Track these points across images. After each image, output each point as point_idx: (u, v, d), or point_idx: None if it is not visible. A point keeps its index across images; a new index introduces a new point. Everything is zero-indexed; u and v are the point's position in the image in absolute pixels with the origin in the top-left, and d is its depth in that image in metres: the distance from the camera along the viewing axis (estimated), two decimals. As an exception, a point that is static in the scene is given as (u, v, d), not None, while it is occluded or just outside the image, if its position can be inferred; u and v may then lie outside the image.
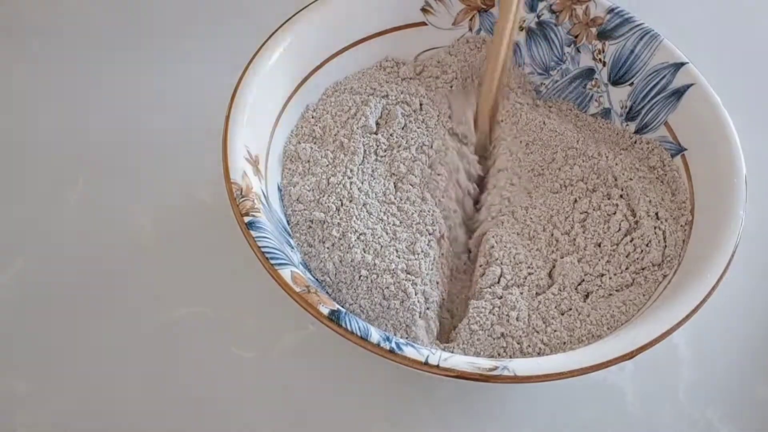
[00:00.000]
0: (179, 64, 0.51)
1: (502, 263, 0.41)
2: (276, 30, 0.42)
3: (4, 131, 0.48)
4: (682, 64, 0.43)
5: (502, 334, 0.38)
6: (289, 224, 0.41)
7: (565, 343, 0.38)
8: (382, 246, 0.40)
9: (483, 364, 0.33)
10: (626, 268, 0.41)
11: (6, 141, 0.48)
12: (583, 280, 0.41)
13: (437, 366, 0.32)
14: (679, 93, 0.43)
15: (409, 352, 0.33)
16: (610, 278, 0.41)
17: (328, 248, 0.40)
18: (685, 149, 0.42)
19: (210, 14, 0.55)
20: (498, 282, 0.41)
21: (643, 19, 0.44)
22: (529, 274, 0.41)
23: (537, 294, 0.40)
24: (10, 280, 0.42)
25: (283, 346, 0.41)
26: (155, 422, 0.39)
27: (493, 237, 0.42)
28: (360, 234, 0.40)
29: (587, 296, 0.40)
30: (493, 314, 0.39)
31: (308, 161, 0.43)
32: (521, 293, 0.40)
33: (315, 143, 0.44)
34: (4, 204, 0.45)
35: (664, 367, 0.42)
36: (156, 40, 0.52)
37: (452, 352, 0.37)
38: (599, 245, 0.42)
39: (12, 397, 0.39)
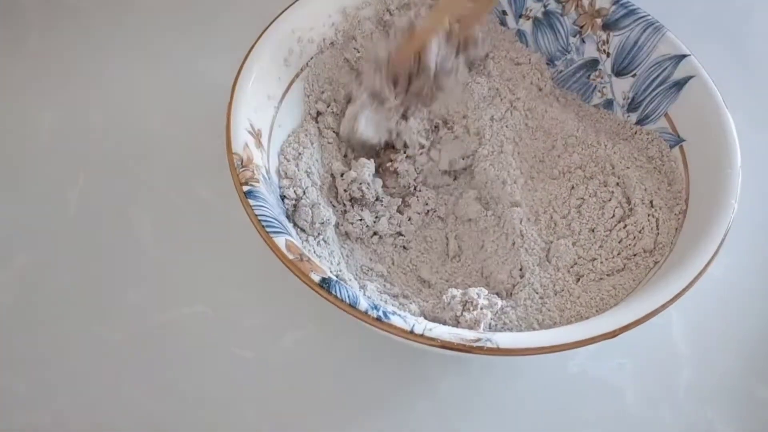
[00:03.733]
0: (179, 63, 0.50)
1: None
2: (284, 10, 0.42)
3: (4, 130, 0.47)
4: (684, 56, 0.42)
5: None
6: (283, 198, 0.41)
7: (555, 323, 0.38)
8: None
9: (467, 335, 0.33)
10: (618, 254, 0.40)
11: (6, 140, 0.46)
12: (576, 263, 0.41)
13: (422, 335, 0.32)
14: (679, 85, 0.42)
15: (395, 320, 0.33)
16: (602, 263, 0.40)
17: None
18: (684, 140, 0.42)
19: (209, 14, 0.53)
20: None
21: (648, 11, 0.44)
22: None
23: None
24: (10, 279, 0.41)
25: (283, 346, 0.40)
26: (155, 422, 0.38)
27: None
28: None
29: (579, 279, 0.40)
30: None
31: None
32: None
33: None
34: (5, 204, 0.44)
35: (664, 367, 0.41)
36: (155, 39, 0.51)
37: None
38: (593, 230, 0.41)
39: (12, 397, 0.38)
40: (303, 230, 0.39)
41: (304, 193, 0.40)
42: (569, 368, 0.40)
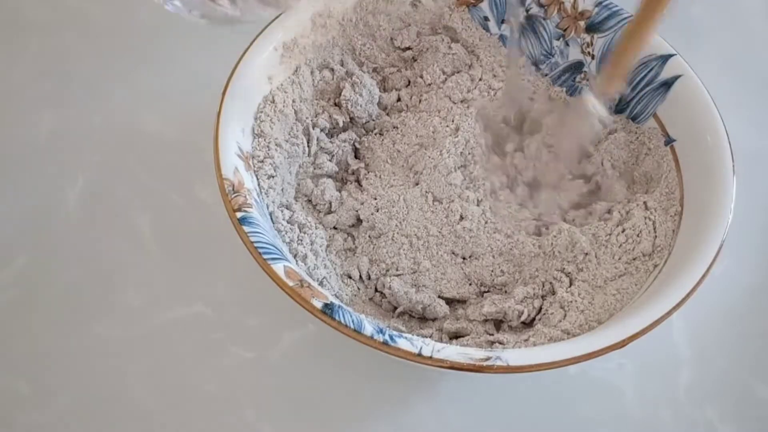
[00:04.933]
0: (178, 64, 0.49)
1: None
2: (266, 27, 0.41)
3: (4, 131, 0.46)
4: (670, 55, 0.41)
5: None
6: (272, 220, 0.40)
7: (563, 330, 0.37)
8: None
9: (476, 354, 0.32)
10: (619, 258, 0.40)
11: (6, 140, 0.46)
12: None
13: (430, 357, 0.31)
14: (667, 84, 0.41)
15: (402, 343, 0.31)
16: (606, 269, 0.39)
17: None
18: (674, 140, 0.41)
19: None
20: None
21: (631, 11, 0.42)
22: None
23: None
24: (10, 279, 0.41)
25: (283, 346, 0.39)
26: (155, 422, 0.37)
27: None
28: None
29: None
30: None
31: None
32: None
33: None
34: (5, 203, 0.43)
35: (664, 367, 0.40)
36: (155, 40, 0.50)
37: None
38: (594, 235, 0.41)
39: (12, 397, 0.38)
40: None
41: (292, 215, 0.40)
42: (569, 368, 0.40)
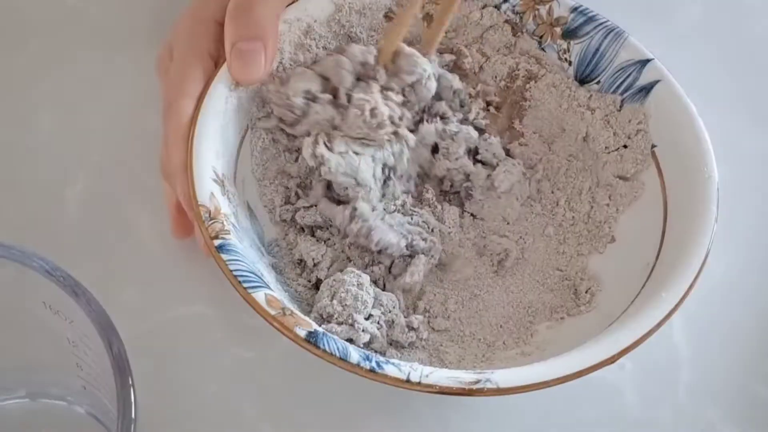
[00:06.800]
0: None
1: None
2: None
3: (4, 131, 0.45)
4: (648, 60, 0.41)
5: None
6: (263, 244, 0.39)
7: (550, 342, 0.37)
8: None
9: (465, 377, 0.31)
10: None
11: (6, 140, 0.45)
12: None
13: (419, 383, 0.31)
14: (646, 90, 0.41)
15: (389, 370, 0.31)
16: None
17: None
18: (655, 145, 0.41)
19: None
20: None
21: (607, 16, 0.43)
22: None
23: None
24: None
25: (283, 346, 0.39)
26: (155, 422, 0.36)
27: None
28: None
29: None
30: None
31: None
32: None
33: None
34: (4, 203, 0.42)
35: (664, 367, 0.40)
36: (155, 40, 0.51)
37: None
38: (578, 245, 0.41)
39: None
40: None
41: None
42: (569, 368, 0.40)
